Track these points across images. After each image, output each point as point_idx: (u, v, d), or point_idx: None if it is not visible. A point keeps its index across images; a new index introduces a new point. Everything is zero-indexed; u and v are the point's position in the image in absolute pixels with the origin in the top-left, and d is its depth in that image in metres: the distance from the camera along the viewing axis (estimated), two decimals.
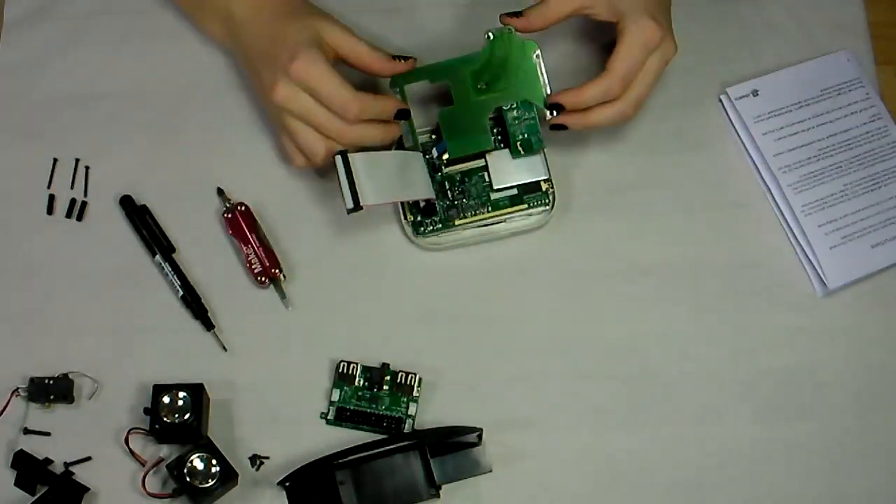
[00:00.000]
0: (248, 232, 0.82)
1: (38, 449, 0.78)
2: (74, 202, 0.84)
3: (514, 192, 0.83)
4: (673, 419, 0.80)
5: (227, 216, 0.83)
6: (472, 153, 0.83)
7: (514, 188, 0.83)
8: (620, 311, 0.82)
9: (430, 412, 0.80)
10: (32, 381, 0.79)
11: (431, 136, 0.84)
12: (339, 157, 0.76)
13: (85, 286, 0.82)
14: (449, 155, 0.82)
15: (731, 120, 0.87)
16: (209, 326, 0.81)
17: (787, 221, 0.85)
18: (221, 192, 0.84)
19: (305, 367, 0.80)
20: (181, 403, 0.76)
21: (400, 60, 0.79)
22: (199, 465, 0.75)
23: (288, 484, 0.76)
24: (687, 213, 0.85)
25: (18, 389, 0.79)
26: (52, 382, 0.78)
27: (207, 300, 0.82)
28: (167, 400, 0.76)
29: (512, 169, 0.83)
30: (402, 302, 0.82)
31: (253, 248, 0.82)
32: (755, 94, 0.87)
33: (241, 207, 0.83)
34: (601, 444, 0.79)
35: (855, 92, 0.87)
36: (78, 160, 0.85)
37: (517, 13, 0.79)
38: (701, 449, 0.79)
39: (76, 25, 0.89)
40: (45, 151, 0.86)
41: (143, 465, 0.77)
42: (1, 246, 0.83)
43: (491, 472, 0.78)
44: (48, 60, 0.88)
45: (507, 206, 0.83)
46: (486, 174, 0.83)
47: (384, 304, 0.82)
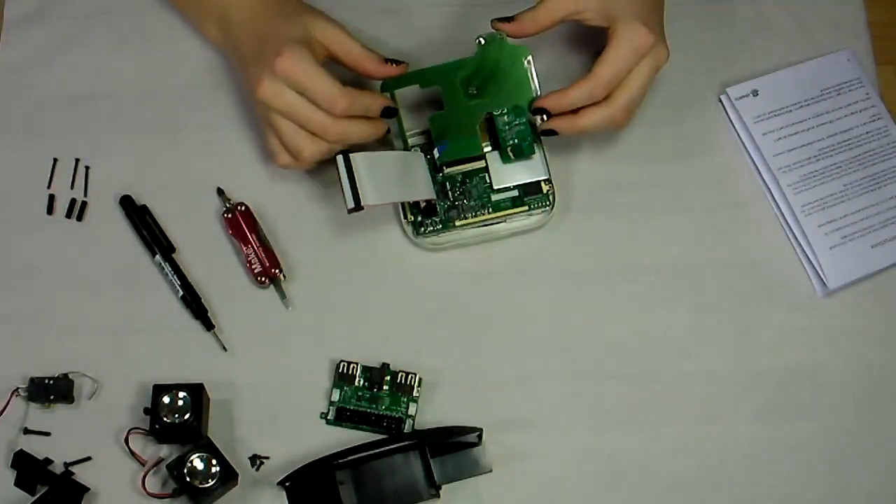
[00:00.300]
0: (248, 232, 0.82)
1: (38, 449, 0.78)
2: (74, 202, 0.84)
3: (514, 193, 0.83)
4: (673, 419, 0.80)
5: (227, 216, 0.83)
6: (461, 158, 0.83)
7: (514, 189, 0.83)
8: (620, 311, 0.82)
9: (430, 412, 0.80)
10: (32, 381, 0.79)
11: (424, 138, 0.84)
12: (340, 156, 0.76)
13: (85, 286, 0.82)
14: (439, 161, 0.82)
15: (731, 120, 0.87)
16: (209, 326, 0.81)
17: (787, 221, 0.85)
18: (221, 192, 0.84)
19: (305, 367, 0.80)
20: (181, 403, 0.76)
21: (392, 64, 0.79)
22: (199, 465, 0.75)
23: (288, 484, 0.76)
24: (687, 213, 0.85)
25: (18, 389, 0.79)
26: (52, 382, 0.78)
27: (207, 300, 0.82)
28: (167, 400, 0.76)
29: (512, 169, 0.83)
30: (402, 302, 0.82)
31: (253, 248, 0.82)
32: (755, 94, 0.87)
33: (241, 207, 0.83)
34: (601, 444, 0.79)
35: (855, 92, 0.87)
36: (78, 160, 0.85)
37: (508, 18, 0.79)
38: (701, 449, 0.79)
39: (76, 25, 0.89)
40: (45, 151, 0.86)
41: (143, 465, 0.77)
42: (1, 246, 0.83)
43: (491, 472, 0.78)
44: (48, 60, 0.88)
45: (507, 207, 0.83)
46: (486, 175, 0.83)
47: (384, 304, 0.82)
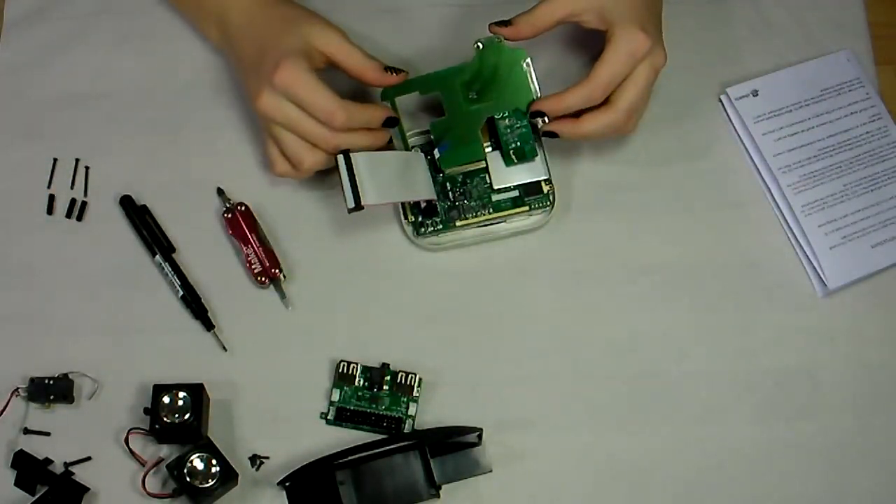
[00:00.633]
0: (248, 232, 0.82)
1: (38, 449, 0.78)
2: (74, 202, 0.84)
3: (515, 193, 0.83)
4: (673, 419, 0.80)
5: (227, 216, 0.83)
6: (464, 164, 0.83)
7: (514, 189, 0.83)
8: (620, 311, 0.82)
9: (430, 412, 0.80)
10: (32, 381, 0.79)
11: (425, 138, 0.84)
12: (341, 156, 0.76)
13: (85, 286, 0.82)
14: (441, 166, 0.82)
15: (731, 120, 0.87)
16: (209, 326, 0.81)
17: (787, 221, 0.85)
18: (221, 192, 0.84)
19: (305, 367, 0.80)
20: (181, 403, 0.76)
21: (392, 73, 0.79)
22: (199, 465, 0.75)
23: (288, 484, 0.76)
24: (687, 213, 0.85)
25: (18, 389, 0.79)
26: (52, 382, 0.78)
27: (207, 300, 0.82)
28: (167, 400, 0.76)
29: (513, 170, 0.83)
30: (402, 302, 0.82)
31: (253, 248, 0.82)
32: (755, 94, 0.87)
33: (241, 207, 0.83)
34: (601, 444, 0.79)
35: (855, 92, 0.87)
36: (78, 160, 0.85)
37: (505, 22, 0.79)
38: (701, 449, 0.79)
39: (76, 25, 0.89)
40: (45, 151, 0.86)
41: (143, 465, 0.77)
42: (1, 246, 0.83)
43: (491, 472, 0.78)
44: (48, 60, 0.88)
45: (508, 207, 0.83)
46: (487, 175, 0.83)
47: (384, 304, 0.82)
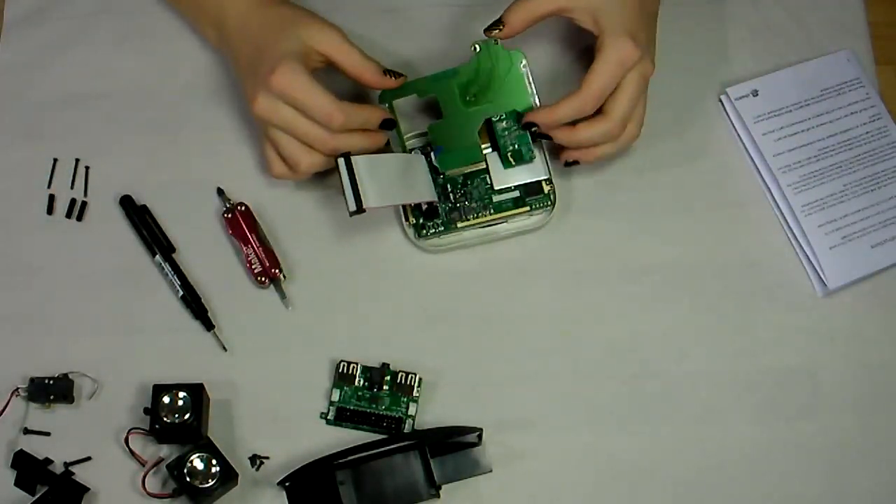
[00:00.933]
0: (248, 232, 0.82)
1: (38, 449, 0.78)
2: (74, 202, 0.84)
3: (516, 193, 0.83)
4: (673, 419, 0.80)
5: (227, 216, 0.83)
6: (463, 166, 0.83)
7: (515, 190, 0.83)
8: (620, 311, 0.82)
9: (430, 412, 0.80)
10: (32, 381, 0.79)
11: (423, 140, 0.83)
12: (341, 159, 0.76)
13: (85, 286, 0.82)
14: (440, 169, 0.82)
15: (731, 120, 0.87)
16: (209, 326, 0.81)
17: (787, 221, 0.85)
18: (221, 192, 0.84)
19: (305, 367, 0.80)
20: (181, 403, 0.76)
21: (390, 76, 0.79)
22: (199, 465, 0.75)
23: (288, 484, 0.76)
24: (687, 213, 0.85)
25: (18, 389, 0.79)
26: (52, 382, 0.78)
27: (207, 300, 0.82)
28: (167, 400, 0.76)
29: (513, 170, 0.83)
30: (402, 302, 0.82)
31: (253, 248, 0.82)
32: (755, 94, 0.87)
33: (241, 207, 0.83)
34: (601, 444, 0.79)
35: (855, 92, 0.87)
36: (78, 160, 0.85)
37: (497, 23, 0.79)
38: (701, 449, 0.79)
39: (76, 25, 0.89)
40: (45, 151, 0.86)
41: (143, 465, 0.77)
42: (1, 246, 0.83)
43: (491, 472, 0.78)
44: (48, 60, 0.88)
45: (509, 208, 0.83)
46: (487, 176, 0.83)
47: (384, 304, 0.82)
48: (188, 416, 0.76)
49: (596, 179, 0.85)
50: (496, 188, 0.83)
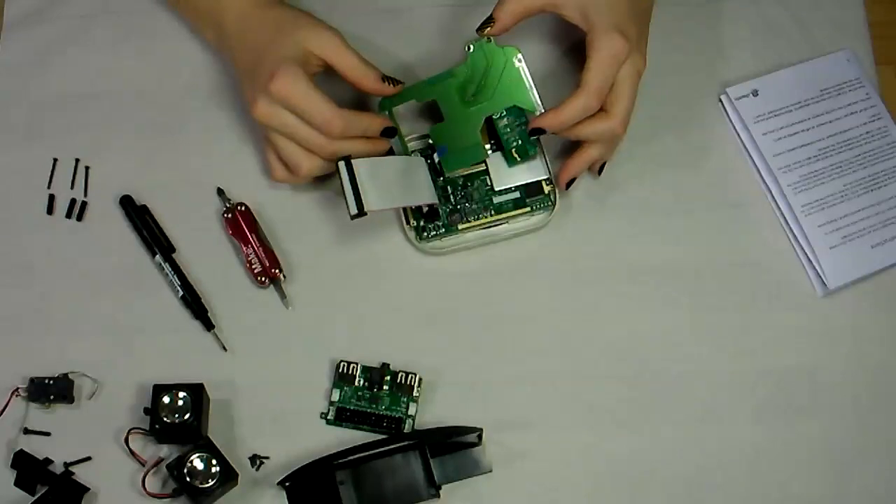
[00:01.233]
0: (248, 232, 0.82)
1: (38, 449, 0.78)
2: (74, 202, 0.84)
3: (516, 194, 0.83)
4: (673, 419, 0.80)
5: (227, 216, 0.83)
6: (466, 167, 0.83)
7: (515, 190, 0.83)
8: (620, 311, 0.82)
9: (430, 412, 0.80)
10: (32, 381, 0.79)
11: (424, 142, 0.83)
12: (342, 163, 0.76)
13: (85, 286, 0.82)
14: (445, 171, 0.82)
15: (731, 120, 0.87)
16: (209, 326, 0.81)
17: (787, 221, 0.85)
18: (221, 192, 0.84)
19: (305, 367, 0.80)
20: (181, 403, 0.76)
21: (389, 83, 0.79)
22: (199, 465, 0.75)
23: (288, 484, 0.76)
24: (687, 213, 0.85)
25: (18, 389, 0.79)
26: (52, 382, 0.78)
27: (207, 300, 0.82)
28: (167, 400, 0.76)
29: (513, 171, 0.83)
30: (401, 302, 0.82)
31: (253, 248, 0.82)
32: (755, 94, 0.87)
33: (241, 207, 0.83)
34: (601, 444, 0.79)
35: (855, 92, 0.87)
36: (78, 160, 0.85)
37: (488, 20, 0.79)
38: (701, 449, 0.79)
39: (76, 25, 0.89)
40: (45, 151, 0.86)
41: (143, 465, 0.77)
42: (1, 246, 0.83)
43: (491, 472, 0.78)
44: (48, 60, 0.88)
45: (510, 208, 0.83)
46: (487, 177, 0.83)
47: (384, 304, 0.82)
48: (188, 416, 0.76)
49: (596, 179, 0.85)
50: (496, 189, 0.83)
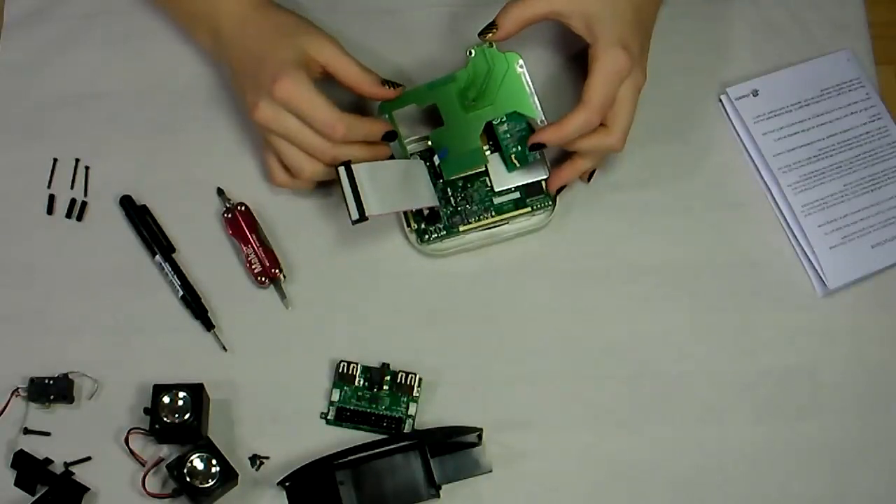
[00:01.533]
0: (248, 232, 0.82)
1: (38, 449, 0.78)
2: (74, 202, 0.84)
3: (516, 195, 0.83)
4: (673, 419, 0.80)
5: (227, 216, 0.83)
6: (467, 172, 0.82)
7: (515, 191, 0.83)
8: (620, 311, 0.82)
9: (430, 412, 0.80)
10: (32, 381, 0.79)
11: (423, 145, 0.83)
12: (342, 168, 0.76)
13: (85, 286, 0.82)
14: (445, 175, 0.82)
15: (730, 120, 0.87)
16: (209, 326, 0.81)
17: (787, 221, 0.85)
18: (221, 192, 0.84)
19: (305, 367, 0.80)
20: (181, 403, 0.76)
21: (388, 87, 0.79)
22: (199, 465, 0.75)
23: (288, 484, 0.76)
24: (687, 213, 0.85)
25: (18, 389, 0.79)
26: (52, 382, 0.78)
27: (207, 300, 0.82)
28: (167, 400, 0.76)
29: (513, 171, 0.83)
30: (401, 302, 0.82)
31: (253, 248, 0.82)
32: (755, 94, 0.87)
33: (241, 207, 0.83)
34: (601, 444, 0.79)
35: (855, 92, 0.87)
36: (78, 160, 0.85)
37: (491, 26, 0.79)
38: (701, 449, 0.79)
39: (76, 25, 0.89)
40: (45, 151, 0.86)
41: (143, 465, 0.77)
42: (1, 246, 0.83)
43: (491, 472, 0.78)
44: (48, 60, 0.88)
45: (510, 209, 0.83)
46: (487, 178, 0.83)
47: (384, 304, 0.82)
48: (188, 416, 0.76)
49: (596, 179, 0.85)
50: (496, 190, 0.83)
